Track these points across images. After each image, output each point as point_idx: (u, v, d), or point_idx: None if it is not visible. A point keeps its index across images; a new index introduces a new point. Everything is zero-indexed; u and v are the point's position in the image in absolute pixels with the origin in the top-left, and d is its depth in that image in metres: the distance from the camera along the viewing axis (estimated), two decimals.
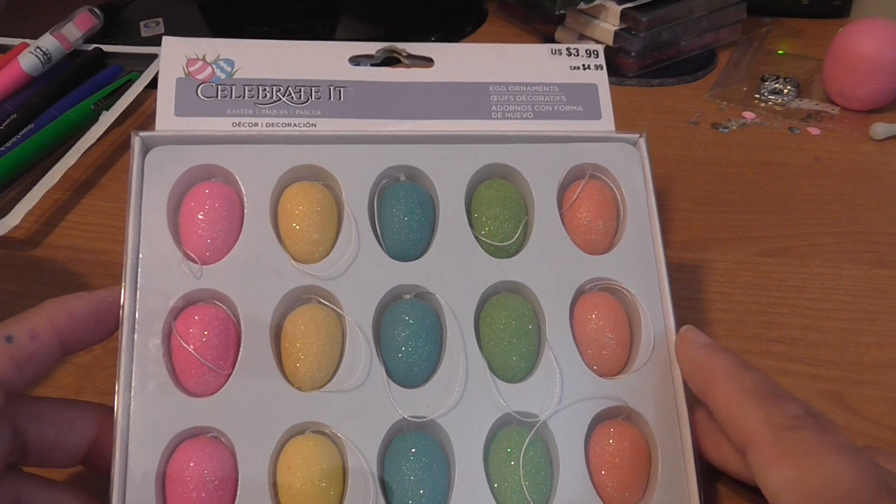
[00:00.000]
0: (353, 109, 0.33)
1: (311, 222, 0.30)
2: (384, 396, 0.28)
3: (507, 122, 0.34)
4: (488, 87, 0.35)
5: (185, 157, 0.31)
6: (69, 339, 0.26)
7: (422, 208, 0.31)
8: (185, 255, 0.30)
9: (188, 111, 0.32)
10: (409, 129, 0.33)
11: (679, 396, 0.29)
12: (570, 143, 0.33)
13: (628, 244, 0.32)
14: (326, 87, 0.33)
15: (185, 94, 0.32)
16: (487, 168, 0.33)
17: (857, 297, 0.39)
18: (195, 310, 0.29)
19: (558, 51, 0.35)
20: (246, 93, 0.33)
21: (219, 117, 0.32)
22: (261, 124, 0.32)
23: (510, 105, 0.34)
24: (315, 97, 0.33)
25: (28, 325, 0.25)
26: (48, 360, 0.26)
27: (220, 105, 0.33)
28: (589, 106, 0.35)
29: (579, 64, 0.35)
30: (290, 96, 0.33)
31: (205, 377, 0.28)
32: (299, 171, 0.32)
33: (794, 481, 0.23)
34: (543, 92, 0.35)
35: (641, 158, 0.33)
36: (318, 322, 0.29)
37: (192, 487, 0.26)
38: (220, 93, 0.33)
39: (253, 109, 0.33)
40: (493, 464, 0.28)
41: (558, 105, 0.34)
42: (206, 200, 0.30)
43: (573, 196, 0.33)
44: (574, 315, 0.31)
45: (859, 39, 0.52)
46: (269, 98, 0.33)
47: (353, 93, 0.33)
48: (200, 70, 0.33)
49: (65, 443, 0.27)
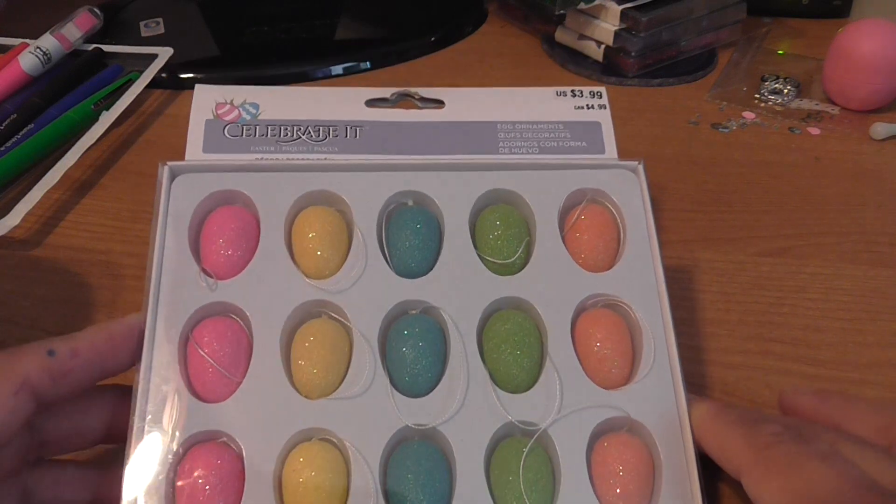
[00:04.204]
0: (368, 146, 0.35)
1: (322, 242, 0.32)
2: (388, 405, 0.29)
3: (514, 157, 0.35)
4: (496, 125, 0.36)
5: (208, 183, 0.33)
6: (108, 361, 0.28)
7: (428, 229, 0.33)
8: (203, 270, 0.31)
9: (215, 149, 0.35)
10: (418, 159, 0.35)
11: (681, 408, 0.29)
12: (571, 169, 0.34)
13: (628, 263, 0.32)
14: (343, 126, 0.36)
15: (213, 134, 0.35)
16: (491, 193, 0.34)
17: (857, 297, 0.39)
18: (210, 321, 0.30)
19: (563, 92, 0.37)
20: (269, 132, 0.35)
21: (243, 154, 0.35)
22: (282, 159, 0.35)
23: (517, 141, 0.36)
24: (333, 135, 0.35)
25: (71, 343, 0.27)
26: (86, 379, 0.27)
27: (244, 143, 0.35)
28: (593, 142, 0.36)
29: (583, 104, 0.37)
30: (310, 135, 0.35)
31: (217, 384, 0.29)
32: (313, 196, 0.33)
33: (780, 492, 0.23)
34: (549, 129, 0.36)
35: (640, 184, 0.34)
36: (327, 334, 0.30)
37: (201, 489, 0.27)
38: (244, 132, 0.35)
39: (275, 147, 0.35)
40: (494, 472, 0.28)
41: (563, 141, 0.36)
42: (226, 222, 0.32)
43: (573, 218, 0.33)
44: (575, 330, 0.31)
45: (859, 39, 0.52)
46: (290, 136, 0.35)
47: (369, 131, 0.36)
48: (228, 112, 0.36)
49: (82, 430, 0.28)
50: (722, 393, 0.34)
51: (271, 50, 0.61)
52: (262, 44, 0.62)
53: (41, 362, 0.26)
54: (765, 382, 0.35)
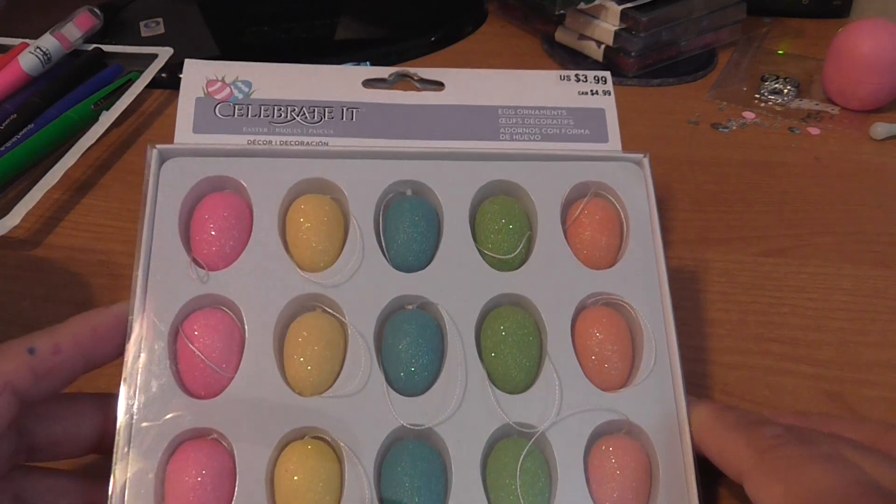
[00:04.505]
0: (365, 129, 0.34)
1: (317, 233, 0.31)
2: (383, 404, 0.28)
3: (515, 144, 0.34)
4: (497, 109, 0.35)
5: (199, 168, 0.32)
6: (92, 354, 0.27)
7: (426, 221, 0.32)
8: (194, 260, 0.30)
9: (206, 129, 0.33)
10: (417, 147, 0.34)
11: (680, 411, 0.29)
12: (574, 161, 0.34)
13: (631, 260, 0.32)
14: (339, 107, 0.34)
15: (204, 113, 0.34)
16: (492, 184, 0.33)
17: (857, 297, 0.39)
18: (201, 314, 0.29)
19: (567, 77, 0.36)
20: (262, 112, 0.34)
21: (235, 135, 0.33)
22: (275, 142, 0.33)
23: (518, 127, 0.35)
24: (328, 117, 0.34)
25: (53, 339, 0.26)
26: (69, 374, 0.26)
27: (236, 123, 0.34)
28: (596, 129, 0.35)
29: (587, 89, 0.36)
30: (304, 116, 0.34)
31: (208, 380, 0.28)
32: (308, 183, 0.32)
33: (782, 496, 0.23)
34: (551, 115, 0.35)
35: (645, 178, 0.33)
36: (321, 329, 0.29)
37: (191, 488, 0.26)
38: (236, 112, 0.34)
39: (268, 128, 0.34)
40: (490, 474, 0.28)
41: (566, 128, 0.35)
42: (217, 210, 0.31)
43: (576, 213, 0.33)
44: (576, 329, 0.31)
45: (859, 39, 0.52)
46: (283, 117, 0.34)
47: (365, 114, 0.34)
48: (219, 90, 0.34)
49: (73, 437, 0.27)
50: (722, 393, 0.34)
51: (271, 50, 0.61)
52: (262, 44, 0.62)
53: (22, 361, 0.25)
54: (765, 382, 0.35)
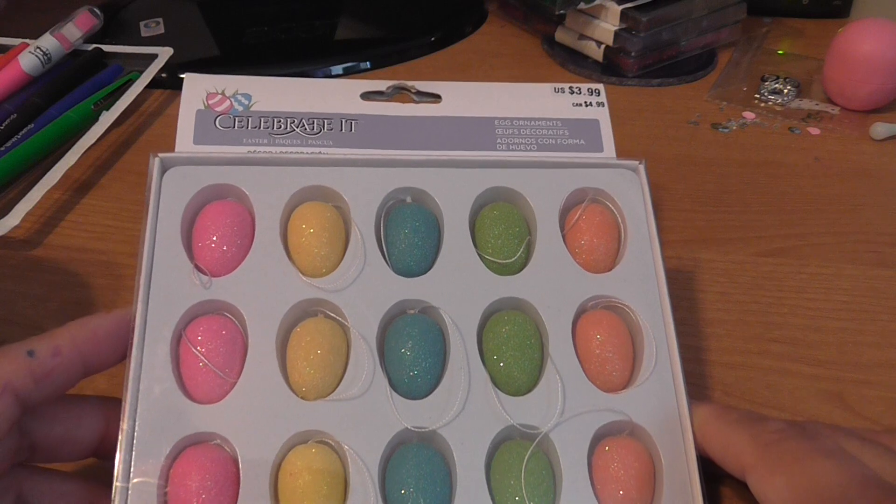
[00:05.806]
0: (363, 140, 0.35)
1: (319, 239, 0.31)
2: (387, 407, 0.29)
3: (512, 154, 0.35)
4: (493, 121, 0.36)
5: (201, 176, 0.32)
6: (92, 358, 0.27)
7: (427, 227, 0.32)
8: (196, 267, 0.30)
9: (206, 140, 0.34)
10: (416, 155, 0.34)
11: (682, 411, 0.29)
12: (571, 168, 0.34)
13: (629, 264, 0.32)
14: (338, 119, 0.35)
15: (204, 125, 0.34)
16: (491, 191, 0.34)
17: (857, 297, 0.39)
18: (204, 319, 0.30)
19: (561, 89, 0.37)
20: (262, 124, 0.34)
21: (235, 146, 0.34)
22: (275, 153, 0.34)
23: (514, 138, 0.35)
24: (327, 129, 0.35)
25: (52, 342, 0.26)
26: (69, 377, 0.26)
27: (236, 135, 0.34)
28: (591, 139, 0.36)
29: (581, 101, 0.37)
30: (304, 127, 0.35)
31: (211, 384, 0.28)
32: (309, 191, 0.33)
33: (785, 489, 0.23)
34: (547, 126, 0.36)
35: (641, 184, 0.34)
36: (324, 334, 0.29)
37: (194, 493, 0.26)
38: (236, 123, 0.34)
39: (268, 139, 0.34)
40: (494, 476, 0.28)
41: (561, 138, 0.36)
42: (219, 218, 0.31)
43: (575, 218, 0.33)
44: (576, 332, 0.31)
45: (859, 39, 0.52)
46: (283, 129, 0.34)
47: (364, 125, 0.35)
48: (219, 103, 0.35)
49: (74, 439, 0.27)
50: (722, 393, 0.34)
51: (271, 50, 0.61)
52: (262, 44, 0.62)
53: (22, 364, 0.25)
54: (765, 382, 0.35)
